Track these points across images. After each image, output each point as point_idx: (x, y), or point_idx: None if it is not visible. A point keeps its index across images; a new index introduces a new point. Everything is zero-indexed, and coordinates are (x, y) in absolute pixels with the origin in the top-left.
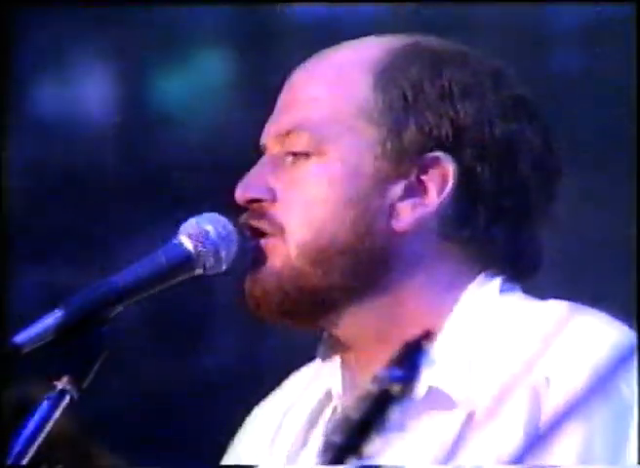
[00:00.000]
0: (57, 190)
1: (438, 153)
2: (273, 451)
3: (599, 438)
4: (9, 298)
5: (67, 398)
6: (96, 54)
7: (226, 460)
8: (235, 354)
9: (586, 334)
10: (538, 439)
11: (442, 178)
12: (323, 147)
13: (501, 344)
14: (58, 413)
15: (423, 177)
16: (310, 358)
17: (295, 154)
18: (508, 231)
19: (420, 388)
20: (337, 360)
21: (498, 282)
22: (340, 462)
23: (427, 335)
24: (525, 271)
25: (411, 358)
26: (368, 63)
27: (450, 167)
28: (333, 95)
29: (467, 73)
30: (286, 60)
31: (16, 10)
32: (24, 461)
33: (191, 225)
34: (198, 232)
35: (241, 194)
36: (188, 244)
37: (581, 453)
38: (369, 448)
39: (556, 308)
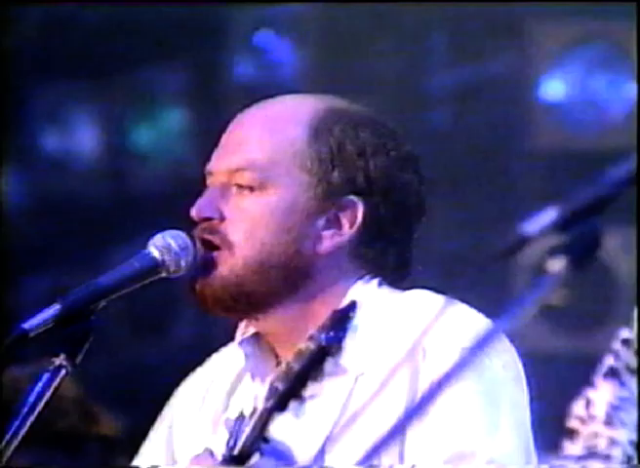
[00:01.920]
0: (58, 213)
1: (353, 197)
2: (200, 416)
3: (468, 399)
4: (20, 299)
5: (63, 371)
6: (88, 109)
7: (159, 425)
8: (192, 337)
9: (457, 319)
10: (417, 402)
11: (354, 216)
12: (264, 184)
13: (385, 325)
14: (55, 383)
15: (341, 214)
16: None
17: (240, 186)
18: (397, 251)
19: (334, 360)
20: (254, 343)
21: (376, 281)
22: (284, 405)
23: (352, 306)
24: (402, 277)
25: (338, 323)
26: (301, 121)
27: (360, 208)
28: (273, 142)
29: (376, 135)
30: (228, 115)
31: (29, 77)
32: (30, 421)
33: (158, 239)
34: (163, 244)
35: (196, 213)
36: (156, 253)
37: (454, 411)
38: (305, 392)
39: (432, 297)
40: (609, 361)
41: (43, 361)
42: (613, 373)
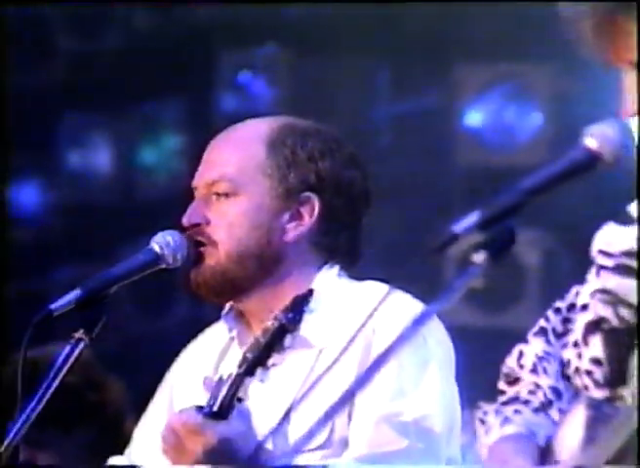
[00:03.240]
0: (79, 217)
1: (309, 193)
2: (195, 380)
3: (407, 368)
4: (49, 285)
5: (82, 343)
6: (104, 134)
7: (161, 390)
8: (186, 316)
9: (399, 303)
10: (367, 370)
11: (312, 208)
12: (237, 191)
13: (343, 308)
14: (76, 353)
15: (301, 209)
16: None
17: (218, 194)
18: (348, 237)
19: (292, 336)
20: (236, 320)
21: (336, 269)
22: (252, 371)
23: (309, 293)
24: (354, 262)
25: (297, 306)
26: (260, 137)
27: (316, 202)
28: (239, 158)
29: (323, 142)
30: None
31: (57, 108)
32: (56, 384)
33: (159, 237)
34: (163, 241)
35: (186, 220)
36: (157, 249)
37: (390, 379)
38: (269, 361)
39: (379, 286)
40: (541, 322)
41: (59, 344)
42: (542, 332)
